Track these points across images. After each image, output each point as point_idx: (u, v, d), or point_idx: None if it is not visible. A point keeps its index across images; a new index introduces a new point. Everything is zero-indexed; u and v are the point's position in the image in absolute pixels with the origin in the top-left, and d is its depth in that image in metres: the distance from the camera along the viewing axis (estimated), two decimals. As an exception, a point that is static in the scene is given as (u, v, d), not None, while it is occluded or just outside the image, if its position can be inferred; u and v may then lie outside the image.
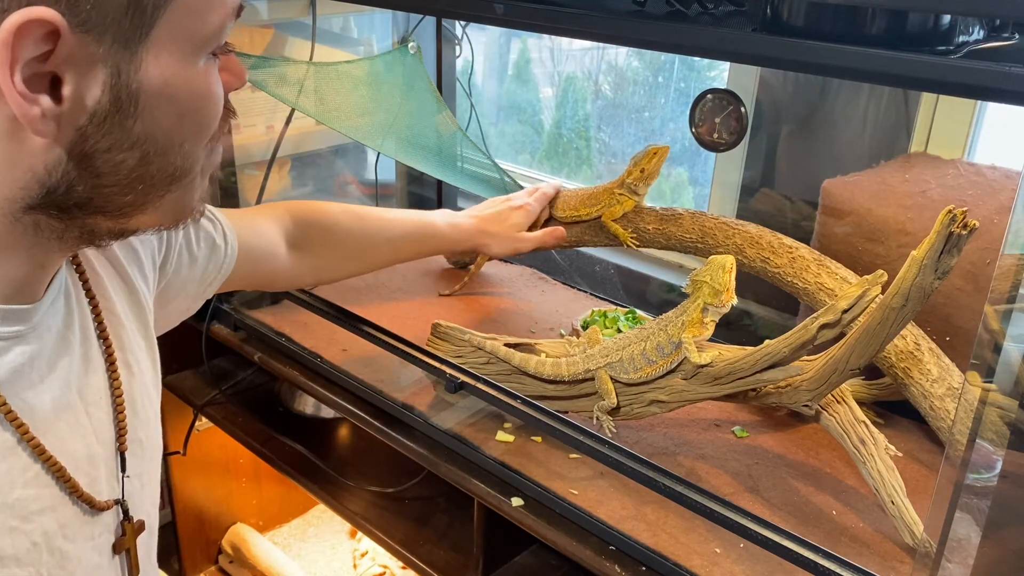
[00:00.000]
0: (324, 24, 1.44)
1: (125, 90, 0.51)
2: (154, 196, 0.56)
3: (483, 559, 1.07)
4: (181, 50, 0.52)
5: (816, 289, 1.08)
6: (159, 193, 0.56)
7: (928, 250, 0.78)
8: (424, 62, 1.52)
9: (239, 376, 1.50)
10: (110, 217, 0.56)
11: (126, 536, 0.68)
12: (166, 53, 0.51)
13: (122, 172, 0.53)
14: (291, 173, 1.54)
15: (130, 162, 0.53)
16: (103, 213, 0.56)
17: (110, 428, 0.67)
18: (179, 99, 0.53)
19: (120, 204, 0.55)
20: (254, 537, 1.78)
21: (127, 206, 0.56)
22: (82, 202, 0.54)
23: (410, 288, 1.48)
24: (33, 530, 0.58)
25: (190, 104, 0.54)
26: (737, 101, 1.11)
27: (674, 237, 1.22)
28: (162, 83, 0.52)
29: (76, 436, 0.63)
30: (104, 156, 0.52)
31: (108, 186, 0.54)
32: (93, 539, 0.65)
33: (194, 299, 0.90)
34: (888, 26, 0.65)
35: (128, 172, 0.53)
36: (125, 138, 0.52)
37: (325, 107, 1.34)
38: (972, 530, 0.67)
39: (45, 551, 0.59)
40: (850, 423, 0.94)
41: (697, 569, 0.88)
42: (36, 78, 0.48)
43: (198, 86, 0.54)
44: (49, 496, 0.60)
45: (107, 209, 0.55)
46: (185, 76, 0.53)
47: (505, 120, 2.04)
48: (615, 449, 0.92)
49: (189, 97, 0.54)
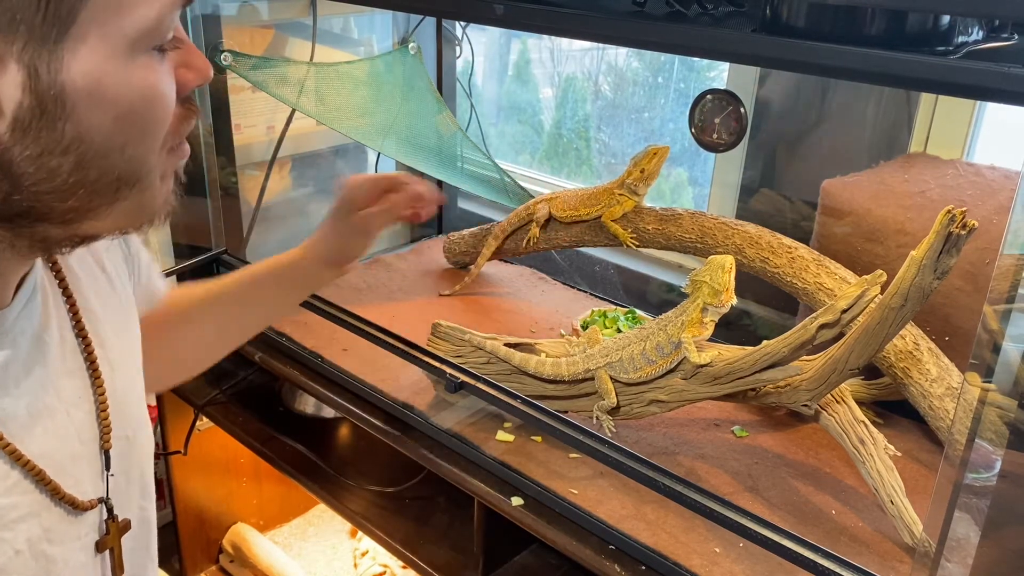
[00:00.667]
0: (324, 25, 1.45)
1: (48, 91, 0.47)
2: (100, 202, 0.53)
3: (483, 558, 1.07)
4: (111, 46, 0.49)
5: (815, 289, 1.08)
6: (106, 199, 0.53)
7: (927, 250, 0.78)
8: (424, 62, 1.52)
9: (239, 376, 1.50)
10: (57, 225, 0.53)
11: (109, 535, 0.67)
12: (92, 50, 0.48)
13: (58, 178, 0.50)
14: (291, 173, 1.55)
15: (65, 167, 0.50)
16: (48, 221, 0.52)
17: (93, 427, 0.65)
18: (114, 99, 0.49)
19: (63, 211, 0.52)
20: (255, 536, 1.78)
21: (71, 212, 0.52)
22: (22, 211, 0.51)
23: (410, 288, 1.48)
24: (15, 538, 0.57)
25: (129, 104, 0.50)
26: (737, 102, 1.11)
27: (674, 237, 1.22)
28: (91, 82, 0.48)
29: (56, 438, 0.61)
30: (36, 162, 0.49)
31: (46, 193, 0.50)
32: (79, 539, 0.64)
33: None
34: (888, 26, 0.65)
35: (65, 178, 0.50)
36: (57, 142, 0.49)
37: (325, 107, 1.34)
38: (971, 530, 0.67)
39: (29, 557, 0.58)
40: (849, 423, 0.94)
41: (697, 568, 0.88)
42: None
43: (137, 85, 0.50)
44: (30, 502, 0.59)
45: (51, 217, 0.52)
46: (119, 74, 0.49)
47: (505, 120, 2.04)
48: (615, 449, 0.92)
49: (127, 97, 0.50)
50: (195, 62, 0.56)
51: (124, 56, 0.49)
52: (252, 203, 1.42)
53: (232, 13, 1.32)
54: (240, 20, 1.35)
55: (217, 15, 1.28)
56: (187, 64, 0.55)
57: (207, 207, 1.32)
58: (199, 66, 0.56)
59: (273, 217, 1.52)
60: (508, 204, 1.54)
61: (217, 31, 1.27)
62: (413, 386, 1.17)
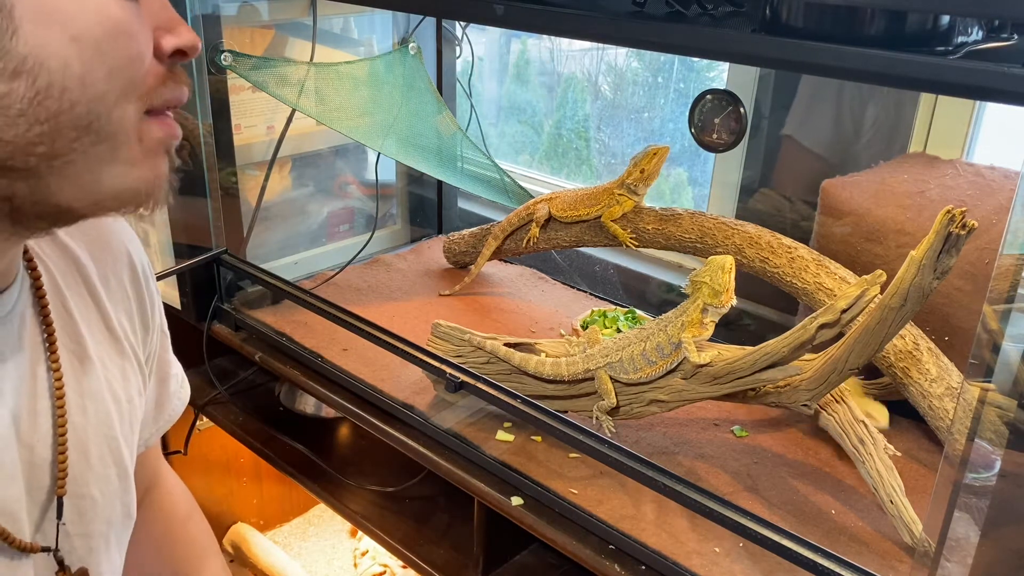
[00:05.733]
0: (325, 25, 1.45)
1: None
2: (66, 147, 0.49)
3: (483, 558, 1.07)
4: None
5: (815, 289, 1.08)
6: (71, 143, 0.49)
7: (927, 250, 0.78)
8: (424, 63, 1.52)
9: (240, 376, 1.50)
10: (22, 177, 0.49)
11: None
12: None
13: (13, 106, 0.47)
14: (292, 173, 1.55)
15: (19, 92, 0.47)
16: (10, 169, 0.49)
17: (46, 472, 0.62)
18: (66, 18, 0.47)
19: (23, 150, 0.48)
20: (255, 536, 1.78)
21: (34, 157, 0.49)
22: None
23: (410, 288, 1.49)
24: None
25: (86, 28, 0.48)
26: (736, 102, 1.11)
27: (673, 237, 1.22)
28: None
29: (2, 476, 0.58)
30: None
31: (1, 127, 0.47)
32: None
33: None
34: (887, 26, 0.65)
35: (20, 105, 0.47)
36: (7, 61, 0.46)
37: (326, 107, 1.34)
38: (971, 529, 0.67)
39: None
40: (849, 422, 0.94)
41: (697, 568, 0.88)
42: None
43: (94, 10, 0.48)
44: None
45: (13, 162, 0.49)
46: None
47: (505, 120, 2.04)
48: (615, 449, 0.93)
49: (83, 20, 0.48)
50: (176, 27, 0.54)
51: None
52: (252, 203, 1.42)
53: (232, 13, 1.32)
54: (240, 20, 1.35)
55: (217, 15, 1.28)
56: (168, 29, 0.54)
57: (207, 207, 1.32)
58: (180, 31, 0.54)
59: (273, 217, 1.52)
60: (508, 204, 1.55)
61: (217, 31, 1.27)
62: (413, 386, 1.17)
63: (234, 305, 1.38)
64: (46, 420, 0.62)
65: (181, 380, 0.87)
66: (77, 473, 0.64)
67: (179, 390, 0.86)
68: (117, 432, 0.69)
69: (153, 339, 0.78)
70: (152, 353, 0.78)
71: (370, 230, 1.58)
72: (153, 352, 0.79)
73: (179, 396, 0.86)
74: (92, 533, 0.67)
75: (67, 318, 0.65)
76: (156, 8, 0.54)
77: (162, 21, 0.54)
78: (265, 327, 1.32)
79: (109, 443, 0.68)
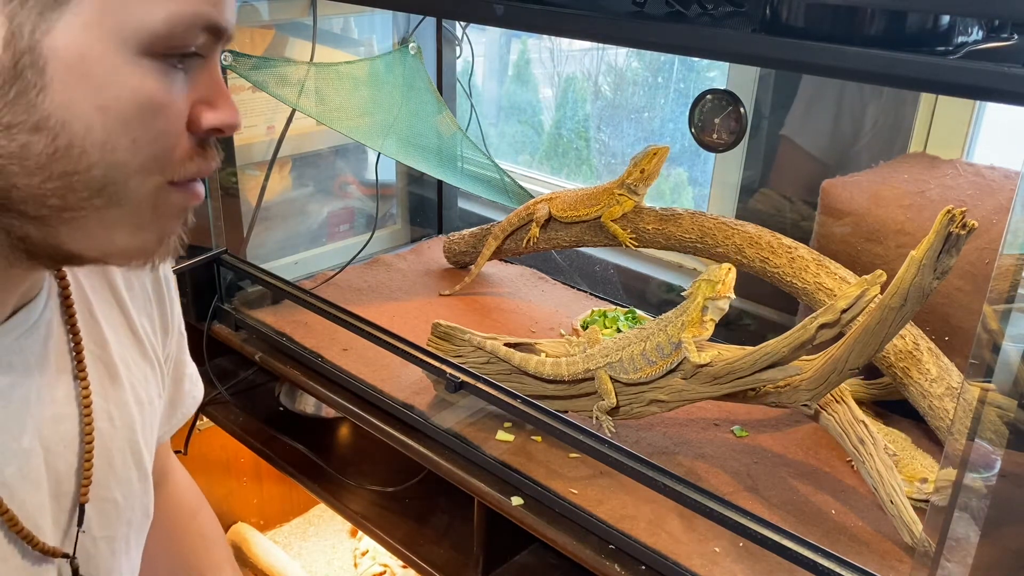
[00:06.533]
0: (325, 25, 1.45)
1: (27, 53, 0.45)
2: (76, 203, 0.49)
3: (483, 558, 1.07)
4: (107, 31, 0.46)
5: (815, 289, 1.08)
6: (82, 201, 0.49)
7: (927, 250, 0.78)
8: (424, 63, 1.52)
9: (240, 376, 1.50)
10: (33, 223, 0.50)
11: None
12: (85, 28, 0.46)
13: (30, 158, 0.47)
14: (292, 173, 1.55)
15: (37, 147, 0.47)
16: (21, 213, 0.49)
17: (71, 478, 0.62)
18: (99, 85, 0.47)
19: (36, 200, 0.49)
20: (255, 536, 1.78)
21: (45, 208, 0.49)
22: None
23: (410, 288, 1.49)
24: None
25: (116, 100, 0.47)
26: (736, 101, 1.11)
27: (673, 237, 1.22)
28: (74, 57, 0.46)
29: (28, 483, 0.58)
30: (8, 133, 0.46)
31: (17, 173, 0.47)
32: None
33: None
34: (888, 26, 0.65)
35: (36, 159, 0.47)
36: (31, 115, 0.46)
37: (326, 107, 1.34)
38: (971, 529, 0.67)
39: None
40: (849, 423, 0.94)
41: (697, 568, 0.88)
42: None
43: (129, 83, 0.47)
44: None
45: (24, 208, 0.49)
46: (108, 62, 0.47)
47: (505, 120, 2.04)
48: (615, 449, 0.93)
49: (114, 90, 0.47)
50: (219, 103, 0.52)
51: (118, 46, 0.47)
52: (252, 203, 1.42)
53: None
54: (240, 20, 1.35)
55: (217, 15, 1.28)
56: (210, 103, 0.52)
57: (207, 207, 1.32)
58: (223, 108, 0.53)
59: (273, 217, 1.52)
60: (508, 204, 1.55)
61: (217, 31, 1.27)
62: (413, 386, 1.17)
63: (234, 305, 1.38)
64: (72, 427, 0.62)
65: (195, 379, 0.87)
66: (101, 478, 0.64)
67: (192, 389, 0.86)
68: (139, 436, 0.69)
69: (172, 341, 0.79)
70: (170, 355, 0.79)
71: (370, 230, 1.58)
72: (171, 353, 0.79)
73: (192, 395, 0.86)
74: (116, 536, 0.67)
75: (93, 324, 0.66)
76: (202, 78, 0.52)
77: (205, 93, 0.52)
78: (265, 327, 1.32)
79: (132, 447, 0.68)
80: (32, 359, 0.59)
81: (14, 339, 0.57)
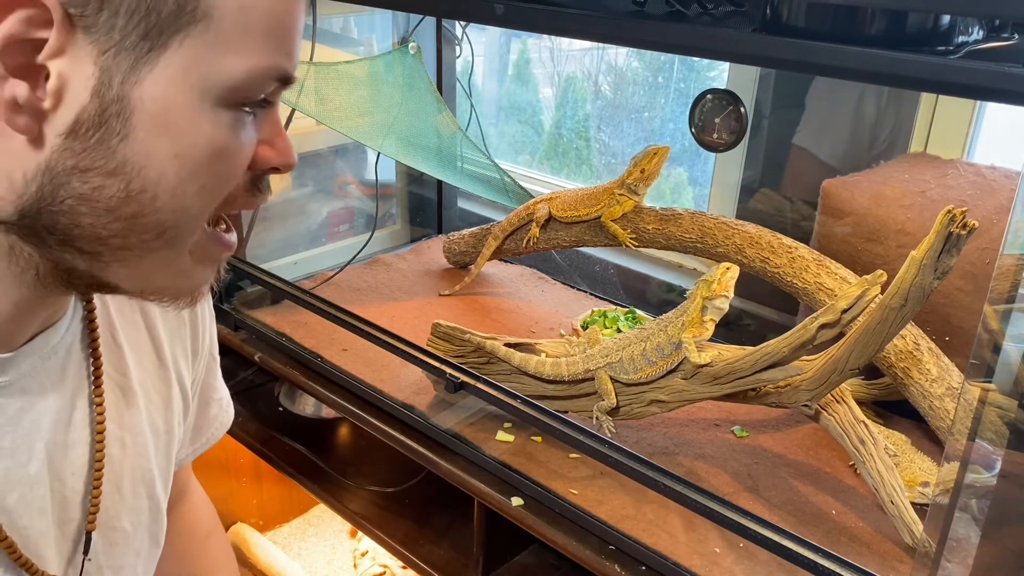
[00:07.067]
0: (324, 24, 1.45)
1: (115, 103, 0.46)
2: (136, 244, 0.51)
3: (483, 558, 1.07)
4: (192, 83, 0.47)
5: (815, 289, 1.08)
6: (142, 242, 0.51)
7: (927, 250, 0.78)
8: (424, 62, 1.52)
9: (239, 376, 1.50)
10: (85, 257, 0.51)
11: None
12: (171, 80, 0.47)
13: (99, 202, 0.48)
14: (291, 173, 1.54)
15: (110, 191, 0.48)
16: (78, 249, 0.50)
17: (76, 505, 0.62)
18: (178, 134, 0.48)
19: (97, 239, 0.50)
20: (254, 537, 1.78)
21: (103, 245, 0.50)
22: (56, 228, 0.49)
23: (410, 288, 1.48)
24: None
25: (192, 147, 0.49)
26: (737, 101, 1.11)
27: (674, 237, 1.22)
28: (159, 109, 0.47)
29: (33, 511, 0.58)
30: (82, 176, 0.48)
31: (84, 213, 0.49)
32: None
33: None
34: (888, 26, 0.65)
35: (107, 202, 0.48)
36: (109, 160, 0.47)
37: (325, 107, 1.34)
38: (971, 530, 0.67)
39: None
40: (850, 423, 0.94)
41: (697, 569, 0.88)
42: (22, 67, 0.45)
43: (207, 132, 0.49)
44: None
45: (82, 244, 0.50)
46: (190, 113, 0.48)
47: (505, 120, 2.04)
48: (615, 449, 0.92)
49: (192, 139, 0.49)
50: (279, 143, 0.54)
51: (201, 100, 0.48)
52: (252, 203, 1.42)
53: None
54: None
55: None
56: (270, 144, 0.54)
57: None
58: (282, 148, 0.54)
59: (273, 217, 1.52)
60: (508, 204, 1.54)
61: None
62: (413, 386, 1.17)
63: (234, 305, 1.38)
64: (82, 453, 0.62)
65: (225, 405, 0.86)
66: (109, 506, 0.64)
67: (220, 414, 0.86)
68: (152, 464, 0.69)
69: (201, 364, 0.78)
70: (197, 379, 0.79)
71: (370, 230, 1.58)
72: (199, 377, 0.79)
73: (220, 420, 0.86)
74: (124, 566, 0.67)
75: (115, 348, 0.66)
76: (265, 122, 0.53)
77: (267, 136, 0.54)
78: (265, 327, 1.32)
79: (144, 475, 0.68)
80: (49, 382, 0.59)
81: (32, 363, 0.57)
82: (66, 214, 0.49)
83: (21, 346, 0.57)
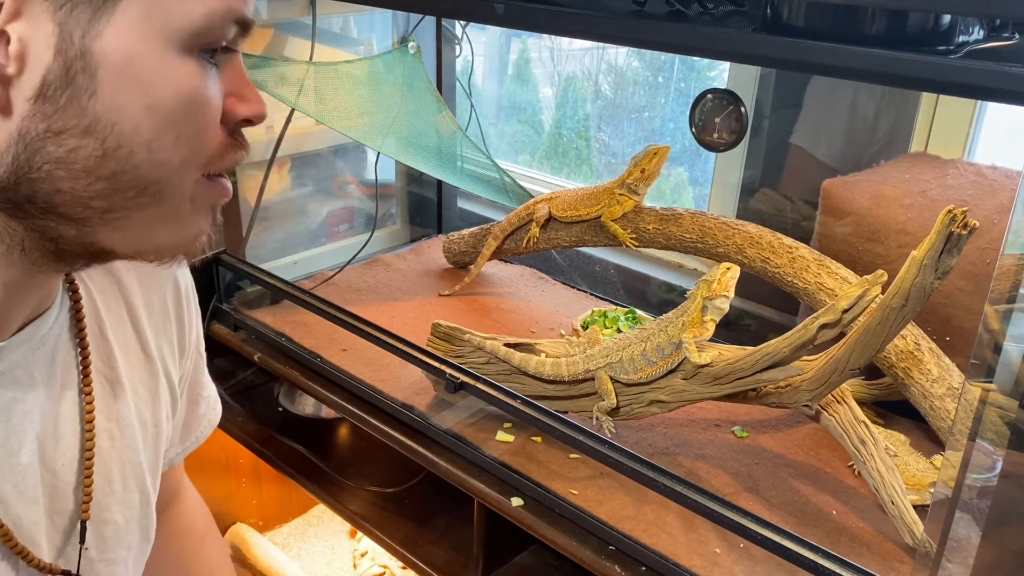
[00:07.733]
0: (324, 24, 1.44)
1: (79, 59, 0.46)
2: (121, 203, 0.50)
3: (483, 559, 1.07)
4: (152, 29, 0.47)
5: (816, 289, 1.08)
6: (127, 200, 0.50)
7: (928, 250, 0.78)
8: (424, 62, 1.51)
9: (239, 376, 1.49)
10: (72, 224, 0.50)
11: None
12: (131, 28, 0.47)
13: (78, 162, 0.48)
14: (291, 173, 1.54)
15: (87, 150, 0.48)
16: (62, 216, 0.50)
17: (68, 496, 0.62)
18: (146, 85, 0.48)
19: (80, 202, 0.49)
20: (254, 537, 1.78)
21: (88, 209, 0.50)
22: (37, 196, 0.49)
23: (410, 288, 1.48)
24: None
25: (162, 97, 0.48)
26: (737, 101, 1.11)
27: (674, 237, 1.22)
28: (123, 59, 0.47)
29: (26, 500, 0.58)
30: (57, 140, 0.47)
31: (63, 178, 0.48)
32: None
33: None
34: (888, 26, 0.65)
35: (84, 162, 0.48)
36: (81, 119, 0.47)
37: (325, 107, 1.34)
38: (972, 530, 0.67)
39: None
40: (850, 423, 0.94)
41: (697, 569, 0.88)
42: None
43: (173, 80, 0.49)
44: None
45: (66, 210, 0.50)
46: (155, 61, 0.48)
47: (505, 120, 2.04)
48: (615, 449, 0.92)
49: (160, 88, 0.48)
50: (248, 95, 0.54)
51: (163, 45, 0.48)
52: (251, 203, 1.41)
53: (232, 13, 1.32)
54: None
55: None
56: (239, 95, 0.54)
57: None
58: (250, 96, 0.55)
59: (273, 217, 1.52)
60: (508, 204, 1.54)
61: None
62: (413, 386, 1.17)
63: (233, 305, 1.38)
64: (72, 444, 0.62)
65: (212, 402, 0.86)
66: (100, 498, 0.64)
67: (208, 412, 0.85)
68: (141, 457, 0.69)
69: (188, 361, 0.78)
70: (185, 375, 0.78)
71: (370, 230, 1.58)
72: (186, 374, 0.79)
73: (208, 418, 0.85)
74: (115, 559, 0.67)
75: (102, 342, 0.65)
76: (230, 72, 0.54)
77: (234, 87, 0.54)
78: (264, 327, 1.32)
79: (133, 468, 0.68)
80: (38, 374, 0.59)
81: (22, 354, 0.57)
82: (45, 180, 0.48)
83: (10, 337, 0.56)
